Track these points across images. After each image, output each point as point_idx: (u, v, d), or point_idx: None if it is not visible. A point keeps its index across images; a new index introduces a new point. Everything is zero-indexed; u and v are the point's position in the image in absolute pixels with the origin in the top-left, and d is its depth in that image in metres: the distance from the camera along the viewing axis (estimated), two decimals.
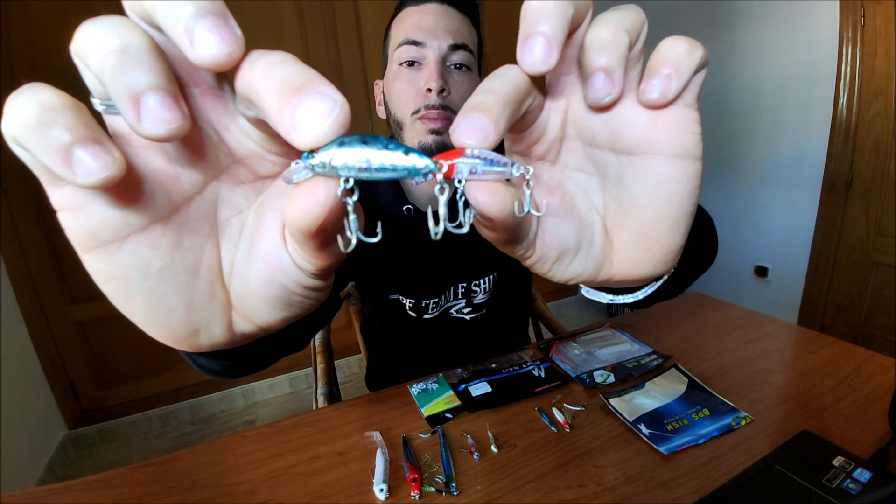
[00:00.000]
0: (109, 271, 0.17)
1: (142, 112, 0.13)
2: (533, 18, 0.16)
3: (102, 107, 0.16)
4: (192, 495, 0.49)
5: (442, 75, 0.61)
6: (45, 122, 0.13)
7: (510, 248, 0.21)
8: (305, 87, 0.14)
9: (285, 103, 0.14)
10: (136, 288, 0.17)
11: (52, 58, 1.47)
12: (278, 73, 0.14)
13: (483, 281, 0.75)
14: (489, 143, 0.17)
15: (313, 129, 0.14)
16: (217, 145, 0.18)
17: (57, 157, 0.13)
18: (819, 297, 1.96)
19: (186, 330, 0.19)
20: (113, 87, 0.13)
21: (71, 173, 0.13)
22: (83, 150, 0.13)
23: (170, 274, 0.18)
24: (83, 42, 0.14)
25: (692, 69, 0.19)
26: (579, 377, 0.66)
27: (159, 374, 1.84)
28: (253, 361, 0.40)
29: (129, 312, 0.18)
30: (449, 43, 0.61)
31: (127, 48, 0.13)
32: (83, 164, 0.13)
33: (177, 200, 0.18)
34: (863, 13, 1.64)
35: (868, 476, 0.44)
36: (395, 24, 0.66)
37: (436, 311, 0.74)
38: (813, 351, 0.70)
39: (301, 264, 0.19)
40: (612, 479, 0.48)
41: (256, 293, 0.20)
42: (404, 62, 0.63)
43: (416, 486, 0.47)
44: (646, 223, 0.22)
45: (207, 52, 0.13)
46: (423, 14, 0.62)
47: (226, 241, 0.20)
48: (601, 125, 0.21)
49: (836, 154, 1.81)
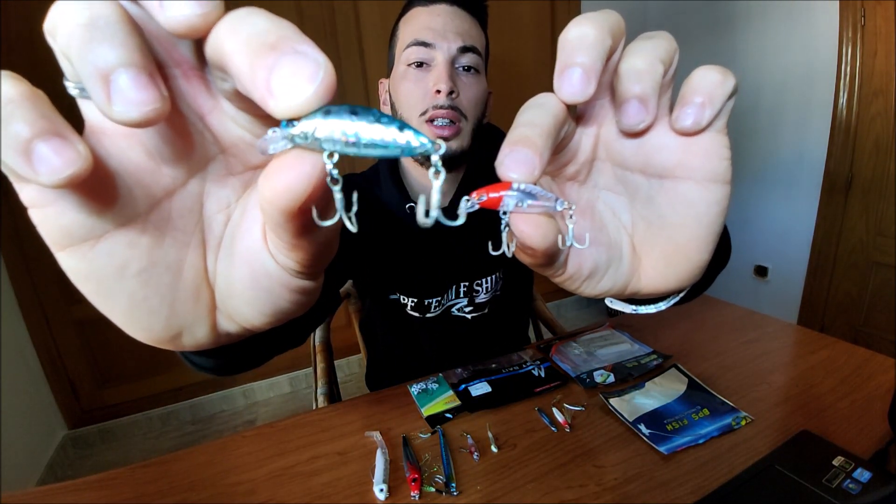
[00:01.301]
0: (84, 271, 0.16)
1: (112, 92, 0.12)
2: (571, 49, 0.17)
3: (76, 90, 0.14)
4: (191, 495, 0.49)
5: (451, 77, 0.61)
6: (4, 118, 0.12)
7: (544, 270, 0.21)
8: (281, 45, 0.12)
9: (259, 64, 0.12)
10: (113, 289, 0.16)
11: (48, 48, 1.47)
12: (248, 27, 0.12)
13: (486, 280, 0.75)
14: (534, 176, 0.17)
15: (294, 96, 0.12)
16: (201, 132, 0.16)
17: (16, 154, 0.12)
18: (819, 296, 1.96)
19: (169, 332, 0.18)
20: (80, 65, 0.12)
21: (32, 172, 0.12)
22: (44, 144, 0.12)
23: (151, 274, 0.16)
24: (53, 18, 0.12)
25: (724, 98, 0.19)
26: (579, 377, 0.66)
27: (159, 373, 1.84)
28: (246, 360, 0.39)
29: (109, 313, 0.17)
30: (458, 45, 0.61)
31: (95, 21, 0.12)
32: (45, 160, 0.12)
33: (157, 195, 0.16)
34: (863, 13, 1.65)
35: (868, 476, 0.44)
36: (403, 23, 0.65)
37: (438, 309, 0.74)
38: (813, 351, 0.70)
39: (284, 263, 0.17)
40: (612, 479, 0.48)
41: (240, 295, 0.18)
42: (412, 63, 0.62)
43: (416, 486, 0.47)
44: (675, 242, 0.22)
45: (179, 13, 0.12)
46: (433, 15, 0.62)
47: (211, 238, 0.18)
48: (633, 149, 0.21)
49: (836, 154, 1.81)
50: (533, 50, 2.23)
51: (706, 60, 0.86)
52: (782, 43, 1.92)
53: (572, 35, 0.17)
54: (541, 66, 2.26)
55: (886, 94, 1.65)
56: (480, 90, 0.65)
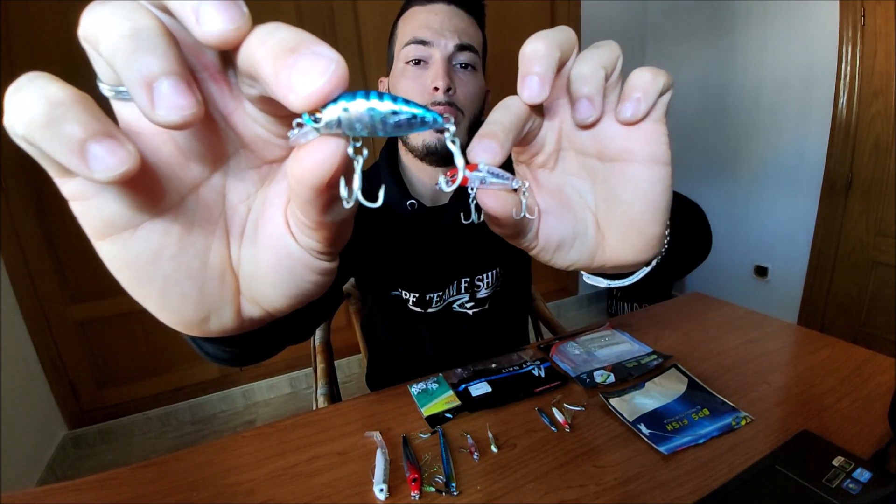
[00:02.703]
0: (124, 258, 0.17)
1: (155, 98, 0.13)
2: (528, 61, 0.21)
3: (111, 93, 0.16)
4: (191, 495, 0.49)
5: (448, 74, 0.62)
6: (55, 119, 0.13)
7: (517, 240, 0.25)
8: (300, 48, 0.14)
9: (281, 65, 0.13)
10: (150, 275, 0.18)
11: (51, 46, 1.47)
12: (272, 38, 0.14)
13: (486, 276, 0.76)
14: (497, 161, 0.21)
15: (309, 88, 0.13)
16: (224, 131, 0.18)
17: (70, 153, 0.13)
18: (819, 296, 1.96)
19: (198, 316, 0.20)
20: (126, 73, 0.13)
21: (87, 170, 0.13)
22: (98, 144, 0.13)
23: (182, 260, 0.18)
24: (92, 26, 0.13)
25: (657, 93, 0.23)
26: (579, 377, 0.66)
27: (159, 374, 1.84)
28: (260, 349, 0.40)
29: (143, 299, 0.19)
30: (455, 43, 0.63)
31: (139, 32, 0.13)
32: (99, 159, 0.13)
33: (187, 187, 0.18)
34: (863, 13, 1.65)
35: (868, 476, 0.44)
36: (402, 22, 0.67)
37: (439, 304, 0.75)
38: (813, 351, 0.70)
39: (307, 244, 0.19)
40: (612, 479, 0.48)
41: (265, 278, 0.20)
42: (411, 60, 0.64)
43: (416, 486, 0.47)
44: (628, 217, 0.26)
45: (214, 28, 0.13)
46: (431, 14, 0.63)
47: (234, 226, 0.20)
48: (589, 139, 0.25)
49: (836, 154, 1.81)
50: None
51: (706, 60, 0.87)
52: (782, 43, 1.92)
53: (528, 50, 0.21)
54: None
55: (886, 93, 1.65)
56: (477, 87, 0.66)
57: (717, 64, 2.18)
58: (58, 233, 1.57)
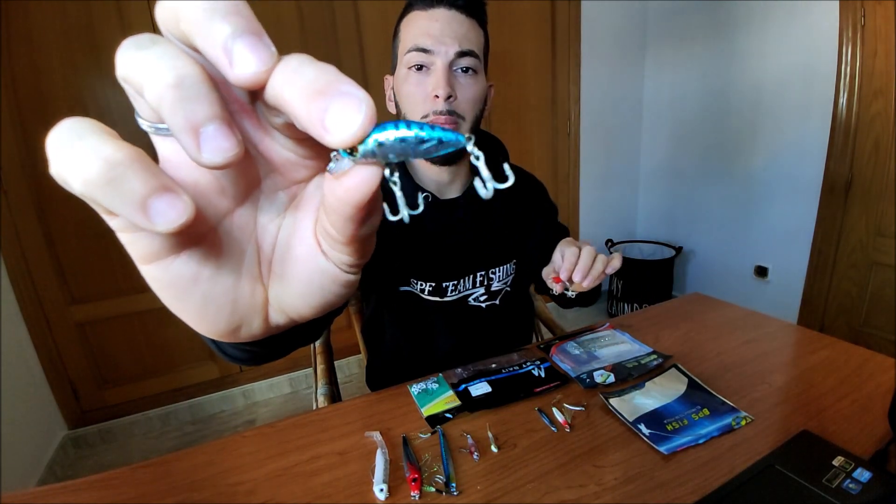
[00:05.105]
0: (166, 280, 0.19)
1: (202, 143, 0.14)
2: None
3: (151, 129, 0.16)
4: (191, 495, 0.49)
5: (448, 82, 0.64)
6: (115, 179, 0.13)
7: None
8: (329, 90, 0.14)
9: (313, 108, 0.14)
10: (189, 293, 0.19)
11: (52, 56, 1.47)
12: (300, 78, 0.14)
13: (500, 269, 0.79)
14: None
15: (344, 130, 0.14)
16: (255, 157, 0.19)
17: (133, 211, 0.14)
18: (819, 297, 1.96)
19: (231, 326, 0.21)
20: (173, 120, 0.14)
21: (150, 224, 0.14)
22: (159, 200, 0.14)
23: (218, 279, 0.19)
24: (134, 72, 0.14)
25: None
26: (579, 377, 0.66)
27: (159, 374, 1.84)
28: (279, 349, 0.43)
29: (182, 314, 0.20)
30: (456, 50, 0.64)
31: (183, 81, 0.13)
32: (161, 214, 0.14)
33: (222, 213, 0.19)
34: (863, 13, 1.65)
35: (868, 476, 0.44)
36: (404, 26, 0.67)
37: (454, 294, 0.77)
38: (813, 351, 0.71)
39: (337, 259, 0.20)
40: (612, 479, 0.48)
41: (295, 291, 0.21)
42: (413, 66, 0.65)
43: (416, 485, 0.47)
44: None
45: (247, 70, 0.14)
46: (431, 20, 0.64)
47: (265, 245, 0.21)
48: None
49: (836, 154, 1.81)
50: (533, 49, 2.23)
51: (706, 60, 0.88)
52: (782, 43, 1.92)
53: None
54: (541, 65, 2.27)
55: (886, 94, 1.65)
56: (479, 89, 0.68)
57: (717, 64, 2.18)
58: (58, 233, 1.57)
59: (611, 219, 2.74)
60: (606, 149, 2.58)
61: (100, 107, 1.56)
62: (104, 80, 1.55)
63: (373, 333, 0.87)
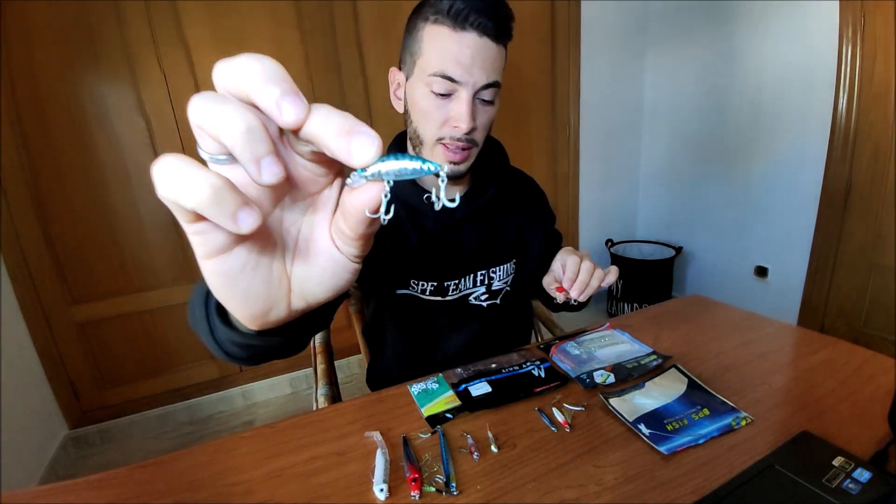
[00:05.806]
0: (220, 271, 0.25)
1: (262, 169, 0.20)
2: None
3: (211, 159, 0.22)
4: (190, 495, 0.49)
5: (472, 115, 0.63)
6: (218, 200, 0.20)
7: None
8: (353, 130, 0.21)
9: (343, 141, 0.21)
10: (236, 280, 0.26)
11: (50, 55, 1.47)
12: (331, 122, 0.21)
13: (500, 269, 0.80)
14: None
15: (364, 156, 0.21)
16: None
17: (229, 220, 0.21)
18: (819, 298, 1.96)
19: (264, 310, 0.28)
20: (243, 155, 0.20)
21: (237, 228, 0.21)
22: (243, 212, 0.21)
23: (258, 268, 0.26)
24: (211, 123, 0.20)
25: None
26: (579, 377, 0.66)
27: (159, 374, 1.84)
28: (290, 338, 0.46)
29: (228, 298, 0.27)
30: (483, 82, 0.62)
31: (251, 129, 0.20)
32: (245, 220, 0.21)
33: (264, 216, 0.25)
34: (863, 14, 1.64)
35: (868, 476, 0.44)
36: (428, 36, 0.62)
37: (456, 293, 0.78)
38: (813, 351, 0.70)
39: (347, 252, 0.27)
40: (612, 479, 0.48)
41: (315, 279, 0.28)
42: (436, 91, 0.63)
43: (417, 486, 0.47)
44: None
45: (291, 118, 0.20)
46: (462, 46, 0.60)
47: (289, 243, 0.28)
48: None
49: (836, 157, 1.81)
50: (533, 50, 2.23)
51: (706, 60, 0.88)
52: (782, 44, 1.92)
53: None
54: (540, 66, 2.27)
55: (886, 97, 1.64)
56: (494, 112, 0.68)
57: (717, 65, 2.18)
58: (58, 233, 1.57)
59: (611, 219, 2.74)
60: (606, 149, 2.58)
61: (96, 105, 1.56)
62: (101, 80, 1.55)
63: (374, 336, 0.87)
